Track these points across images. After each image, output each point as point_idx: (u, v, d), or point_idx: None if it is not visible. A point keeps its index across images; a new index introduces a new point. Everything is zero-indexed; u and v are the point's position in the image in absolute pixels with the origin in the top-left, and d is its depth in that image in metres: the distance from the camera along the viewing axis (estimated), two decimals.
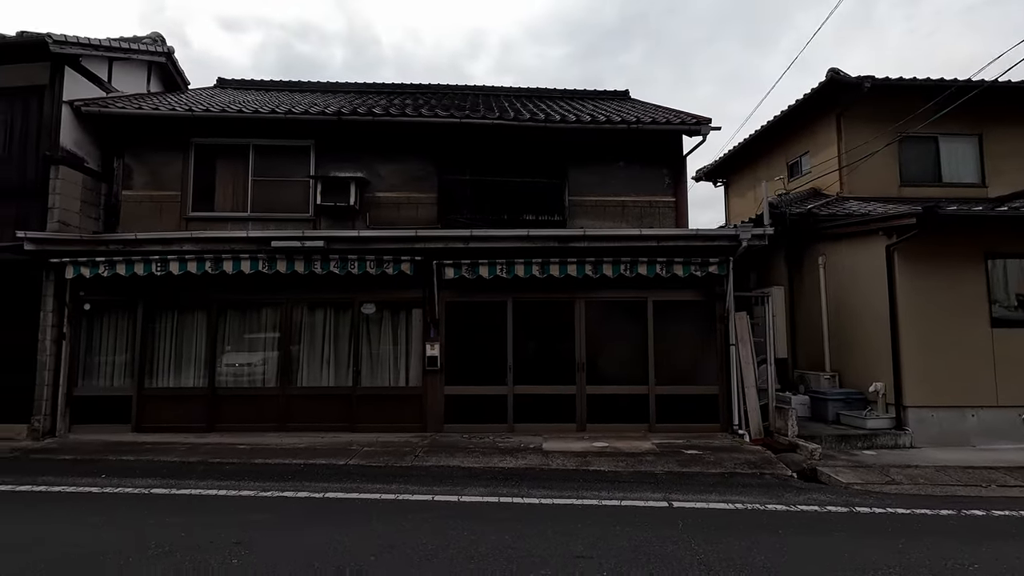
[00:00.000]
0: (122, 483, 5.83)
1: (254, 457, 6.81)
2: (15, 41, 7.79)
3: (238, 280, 7.85)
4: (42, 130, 8.09)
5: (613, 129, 9.01)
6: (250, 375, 8.13)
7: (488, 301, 8.07)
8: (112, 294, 8.10)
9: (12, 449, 7.28)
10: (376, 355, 8.15)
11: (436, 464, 6.50)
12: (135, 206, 8.92)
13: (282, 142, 9.17)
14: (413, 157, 9.24)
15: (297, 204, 9.13)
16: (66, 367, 7.92)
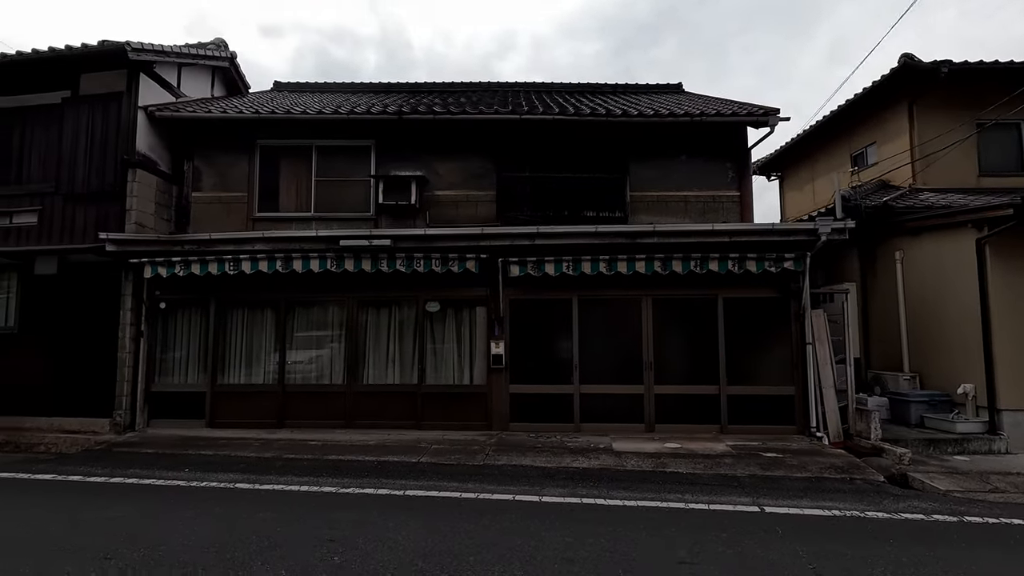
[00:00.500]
0: (206, 477, 5.97)
1: (327, 453, 6.89)
2: (97, 50, 8.08)
3: (305, 279, 7.97)
4: (120, 135, 8.38)
5: (676, 122, 8.77)
6: (317, 372, 8.25)
7: (553, 299, 7.97)
8: (185, 293, 8.34)
9: (98, 442, 7.58)
10: (440, 353, 8.16)
11: (508, 463, 6.44)
12: (204, 207, 9.16)
13: (343, 142, 9.28)
14: (472, 155, 9.21)
15: (358, 203, 9.22)
16: (144, 364, 8.19)
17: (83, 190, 8.38)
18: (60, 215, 8.49)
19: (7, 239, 8.59)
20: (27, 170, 8.76)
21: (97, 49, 8.09)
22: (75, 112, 8.54)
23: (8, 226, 8.66)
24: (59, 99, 8.66)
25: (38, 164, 8.72)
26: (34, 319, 8.53)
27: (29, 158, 8.76)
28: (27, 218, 8.60)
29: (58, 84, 8.71)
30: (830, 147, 13.34)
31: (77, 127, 8.50)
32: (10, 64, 8.46)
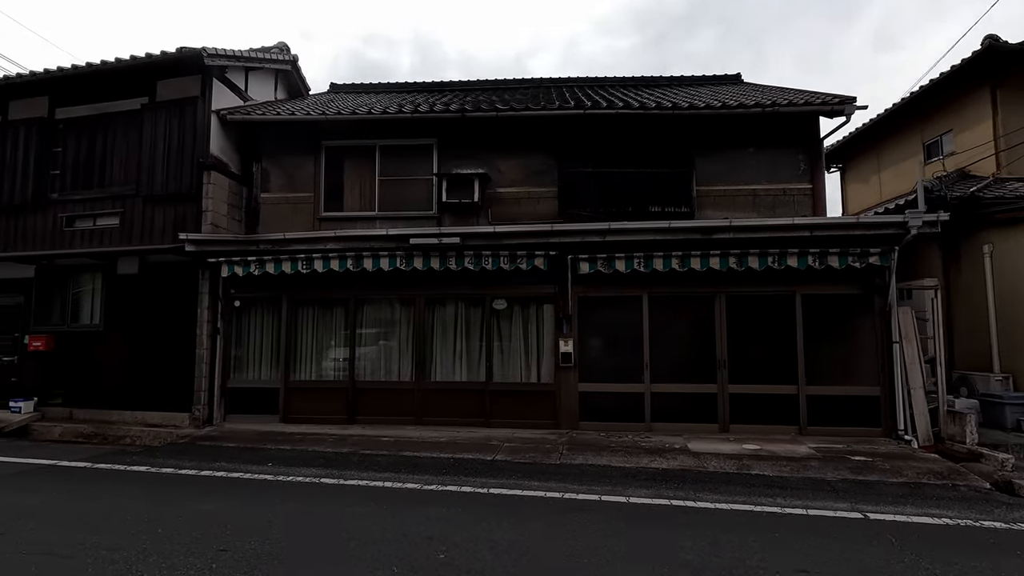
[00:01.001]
0: (290, 472, 6.10)
1: (402, 450, 6.96)
2: (174, 56, 8.35)
3: (374, 277, 8.07)
4: (196, 138, 8.65)
5: (746, 113, 8.50)
6: (386, 369, 8.35)
7: (622, 296, 7.85)
8: (259, 291, 8.57)
9: (180, 436, 7.85)
10: (507, 351, 8.14)
11: (586, 463, 6.37)
12: (272, 208, 9.38)
13: (406, 141, 9.34)
14: (533, 151, 9.15)
15: (420, 201, 9.27)
16: (220, 360, 8.45)
17: (161, 192, 8.68)
18: (140, 217, 8.82)
19: (91, 240, 8.99)
20: (109, 174, 9.14)
21: (175, 56, 8.36)
22: (153, 117, 8.86)
23: (92, 228, 9.06)
24: (138, 105, 8.99)
25: (119, 168, 9.09)
26: (117, 317, 8.91)
27: (111, 162, 9.14)
28: (109, 220, 8.98)
29: (136, 91, 9.05)
30: (899, 136, 12.74)
31: (155, 132, 8.81)
32: (93, 74, 8.83)
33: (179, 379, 8.47)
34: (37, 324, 9.24)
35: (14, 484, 5.66)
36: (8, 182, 9.38)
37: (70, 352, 9.02)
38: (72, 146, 9.36)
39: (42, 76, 8.92)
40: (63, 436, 8.38)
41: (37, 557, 3.72)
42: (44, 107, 9.50)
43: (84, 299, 9.26)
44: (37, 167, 9.29)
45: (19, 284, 9.41)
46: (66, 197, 9.23)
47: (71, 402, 8.95)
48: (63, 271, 9.30)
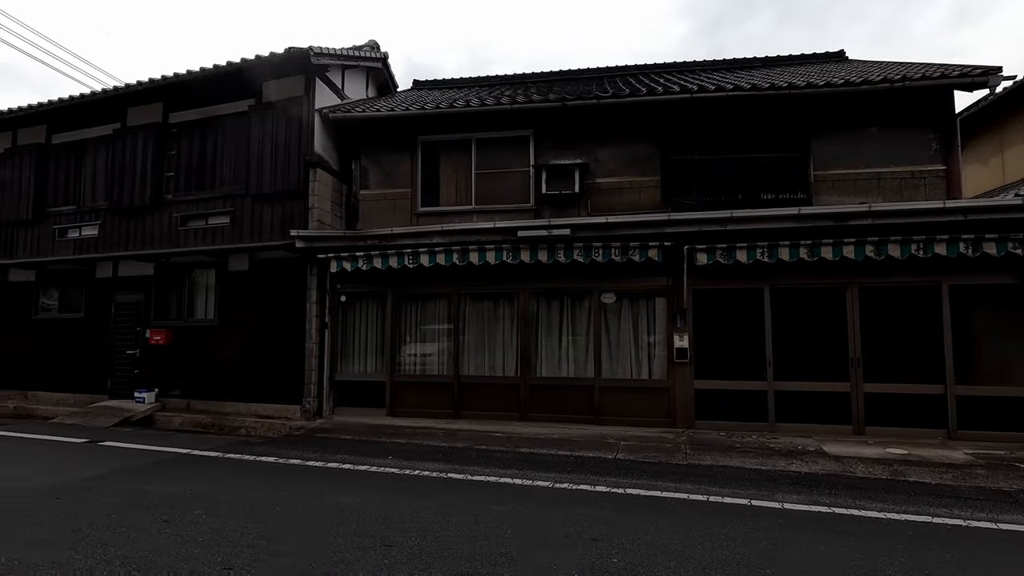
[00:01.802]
0: (411, 465, 6.08)
1: (517, 446, 6.84)
2: (282, 57, 8.56)
3: (478, 271, 8.01)
4: (302, 137, 8.84)
5: (872, 90, 7.84)
6: (490, 364, 8.27)
7: (741, 288, 7.43)
8: (364, 286, 8.68)
9: (293, 427, 8.06)
10: (616, 346, 7.89)
11: (716, 463, 6.03)
12: (371, 204, 9.49)
13: (502, 133, 9.22)
14: (634, 139, 8.82)
15: (517, 194, 9.13)
16: (328, 354, 8.62)
17: (269, 191, 8.93)
18: (249, 215, 9.12)
19: (204, 239, 9.38)
20: (219, 175, 9.51)
21: (282, 56, 8.56)
22: (260, 118, 9.12)
23: (205, 227, 9.45)
24: (246, 107, 9.29)
25: (228, 169, 9.43)
26: (230, 312, 9.25)
27: (221, 164, 9.51)
28: (220, 219, 9.34)
29: (244, 93, 9.35)
30: None
31: (262, 132, 9.07)
32: (204, 78, 9.18)
33: (289, 372, 8.70)
34: (157, 319, 9.74)
35: (162, 472, 5.89)
36: (128, 185, 9.93)
37: (187, 345, 9.46)
38: (184, 149, 9.80)
39: (158, 83, 9.35)
40: (183, 426, 8.80)
41: (222, 547, 3.78)
42: (159, 113, 9.99)
43: (199, 295, 9.69)
44: (154, 170, 9.79)
45: (140, 281, 9.95)
46: (180, 198, 9.68)
47: (188, 393, 9.38)
48: (179, 268, 9.75)
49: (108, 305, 10.14)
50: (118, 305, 10.05)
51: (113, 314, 10.07)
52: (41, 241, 10.74)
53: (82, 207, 10.48)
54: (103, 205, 10.25)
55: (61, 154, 10.81)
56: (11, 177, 11.04)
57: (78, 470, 5.86)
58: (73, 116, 10.46)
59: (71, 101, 10.13)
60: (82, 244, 10.34)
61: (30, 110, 10.48)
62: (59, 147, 10.85)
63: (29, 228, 10.84)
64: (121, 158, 10.07)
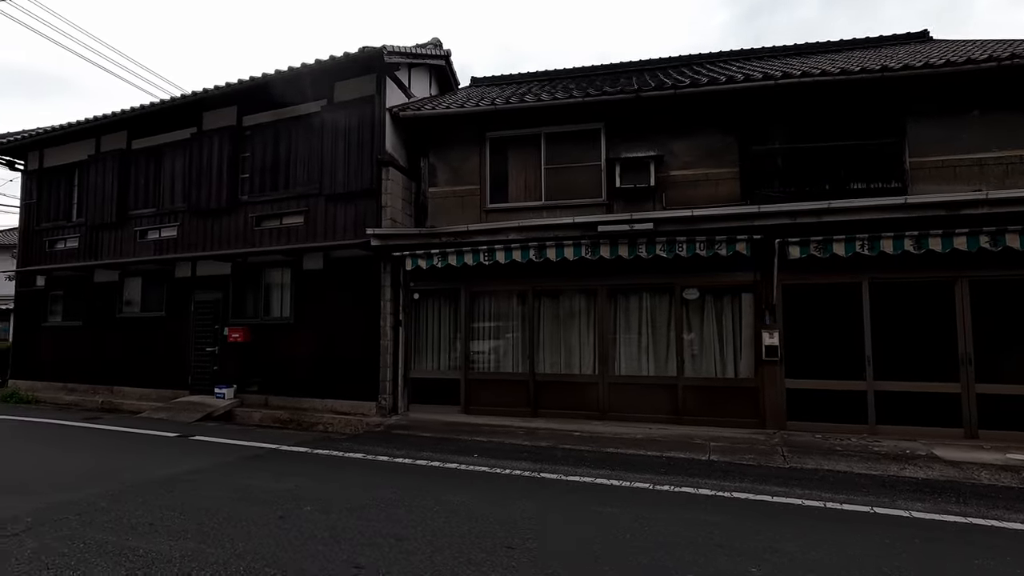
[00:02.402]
0: (501, 464, 6.01)
1: (602, 446, 6.69)
2: (355, 56, 8.62)
3: (554, 267, 7.89)
4: (374, 136, 8.90)
5: (976, 70, 7.31)
6: (566, 362, 8.14)
7: (836, 283, 7.07)
8: (437, 283, 8.69)
9: (369, 423, 8.12)
10: (699, 343, 7.63)
11: (820, 467, 5.74)
12: (440, 201, 9.48)
13: (572, 127, 9.06)
14: (710, 130, 8.51)
15: (588, 189, 8.94)
16: (402, 351, 8.67)
17: (343, 190, 9.04)
18: (323, 215, 9.26)
19: (279, 239, 9.58)
20: (292, 175, 9.69)
21: (355, 56, 8.62)
22: (332, 118, 9.23)
23: (279, 227, 9.65)
24: (317, 108, 9.43)
25: (302, 169, 9.59)
26: (305, 310, 9.42)
27: (294, 165, 9.68)
28: (294, 219, 9.52)
29: (316, 94, 9.48)
30: None
31: (335, 132, 9.18)
32: (277, 81, 9.34)
33: (363, 370, 8.79)
34: (234, 317, 10.01)
35: (259, 467, 6.00)
36: (205, 188, 10.24)
37: (263, 343, 9.68)
38: (258, 151, 10.03)
39: (233, 87, 9.57)
40: (262, 421, 9.01)
41: (343, 545, 3.78)
42: (233, 116, 10.25)
43: (274, 293, 9.90)
44: (229, 172, 10.06)
45: (218, 281, 10.25)
46: (255, 199, 9.91)
47: (266, 389, 9.61)
48: (255, 268, 9.99)
49: (188, 304, 10.49)
50: (197, 304, 10.38)
51: (192, 312, 10.41)
52: (124, 243, 11.21)
53: (161, 209, 10.87)
54: (181, 207, 10.60)
55: (141, 158, 11.25)
56: (96, 182, 11.56)
57: (180, 463, 6.03)
58: (152, 122, 10.85)
59: (151, 108, 10.50)
60: (162, 245, 10.74)
61: (112, 117, 10.92)
62: (139, 152, 11.29)
63: (113, 230, 11.33)
64: (198, 161, 10.39)
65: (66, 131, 11.67)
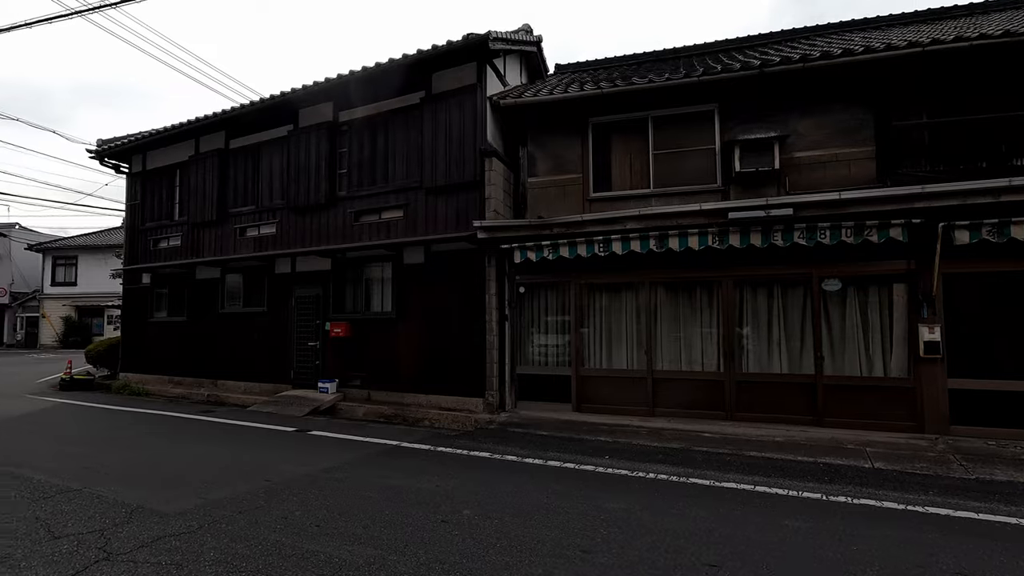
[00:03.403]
0: (639, 467, 5.66)
1: (739, 448, 6.23)
2: (459, 44, 8.41)
3: (673, 257, 7.46)
4: (476, 126, 8.68)
5: None
6: (687, 358, 7.69)
7: (1009, 271, 6.28)
8: (544, 276, 8.40)
9: (482, 421, 7.93)
10: (841, 339, 7.01)
11: (1015, 480, 5.07)
12: (540, 191, 9.17)
13: (682, 110, 8.53)
14: (841, 106, 7.79)
15: (701, 174, 8.40)
16: (509, 347, 8.43)
17: (444, 183, 8.87)
18: (423, 208, 9.13)
19: (378, 233, 9.53)
20: (390, 169, 9.61)
21: (459, 44, 8.40)
22: (432, 110, 9.07)
23: (378, 222, 9.60)
24: (416, 100, 9.29)
25: (400, 163, 9.50)
26: (406, 304, 9.34)
27: (392, 159, 9.60)
28: (394, 213, 9.43)
29: (412, 87, 9.35)
30: None
31: (435, 124, 9.01)
32: (374, 75, 9.26)
33: (468, 365, 8.62)
34: (335, 312, 10.07)
35: (390, 465, 5.89)
36: (304, 184, 10.33)
37: (364, 337, 9.69)
38: (355, 146, 10.02)
39: (331, 82, 9.56)
40: (366, 416, 9.00)
41: (524, 554, 3.53)
42: (330, 112, 10.28)
43: (374, 288, 9.89)
44: (327, 168, 10.09)
45: (317, 276, 10.34)
46: (353, 194, 9.91)
47: (367, 384, 9.62)
48: (354, 263, 10.01)
49: (288, 299, 10.65)
50: (298, 299, 10.52)
51: (293, 307, 10.55)
52: (224, 240, 11.51)
53: (260, 207, 11.07)
54: (280, 204, 10.76)
55: (239, 157, 11.50)
56: (197, 182, 11.92)
57: (314, 460, 5.99)
58: (249, 122, 11.04)
59: (248, 107, 10.67)
60: (261, 241, 10.94)
61: (212, 118, 11.19)
62: (237, 151, 11.54)
63: (213, 228, 11.66)
64: (295, 158, 10.49)
65: (167, 134, 12.09)
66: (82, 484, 5.06)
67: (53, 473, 5.43)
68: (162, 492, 4.84)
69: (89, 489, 4.92)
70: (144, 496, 4.70)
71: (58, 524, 4.05)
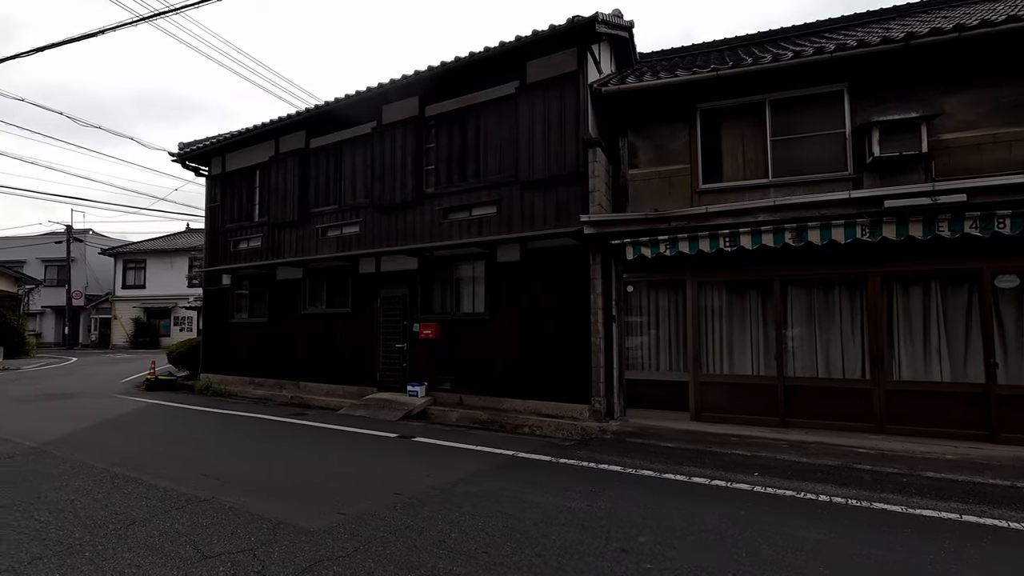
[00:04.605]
0: (801, 486, 5.01)
1: (913, 468, 5.48)
2: (563, 28, 7.92)
3: (806, 252, 6.75)
4: (579, 115, 8.18)
5: None
6: (825, 364, 6.95)
7: None
8: (655, 274, 7.82)
9: (594, 429, 7.38)
10: (1017, 343, 6.15)
11: None
12: (642, 184, 8.60)
13: (805, 91, 7.80)
14: (999, 81, 6.92)
15: (827, 162, 7.65)
16: (616, 350, 7.87)
17: (542, 176, 8.39)
18: (519, 203, 8.67)
19: (469, 231, 9.14)
20: (481, 164, 9.20)
21: (562, 28, 7.93)
22: (528, 100, 8.61)
23: (468, 219, 9.21)
24: (511, 90, 8.86)
25: (493, 157, 9.08)
26: (500, 304, 8.90)
27: (483, 153, 9.19)
28: (486, 210, 9.02)
29: (503, 77, 8.94)
30: None
31: (532, 114, 8.55)
32: (464, 66, 8.88)
33: (570, 369, 8.10)
34: (423, 313, 9.74)
35: (520, 479, 5.42)
36: (388, 182, 10.06)
37: (455, 339, 9.31)
38: (443, 141, 9.67)
39: (421, 74, 9.24)
40: (459, 421, 8.60)
41: None
42: (415, 107, 9.98)
43: (465, 288, 9.51)
44: (414, 165, 9.78)
45: (404, 276, 10.04)
46: (441, 191, 9.56)
47: (458, 388, 9.23)
48: (443, 262, 9.65)
49: (373, 300, 10.39)
50: (383, 300, 10.25)
51: (379, 308, 10.29)
52: (306, 240, 11.38)
53: (343, 206, 10.88)
54: (363, 203, 10.53)
55: (321, 157, 11.36)
56: (277, 182, 11.85)
57: (432, 472, 5.59)
58: (329, 120, 10.86)
59: (329, 106, 10.47)
60: (344, 241, 10.74)
61: (296, 117, 11.08)
62: (318, 150, 11.40)
63: (295, 229, 11.55)
64: (380, 156, 10.24)
65: (248, 135, 12.08)
66: (208, 493, 4.80)
67: (175, 480, 5.21)
68: (294, 504, 4.51)
69: (218, 499, 4.64)
70: (278, 509, 4.38)
71: (203, 541, 3.74)
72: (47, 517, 4.25)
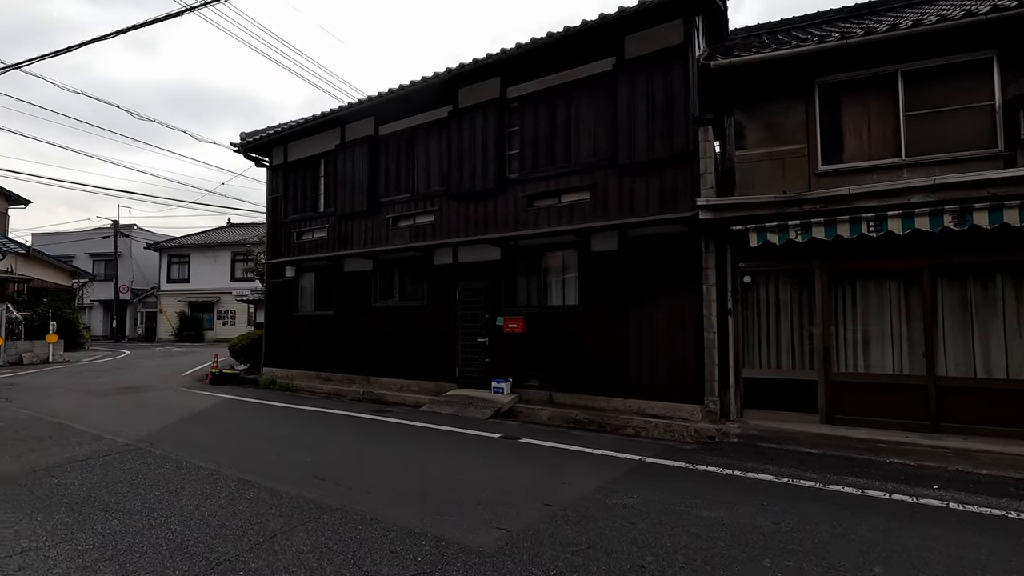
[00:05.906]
0: (1007, 505, 4.34)
1: None
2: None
3: (963, 238, 6.02)
4: (688, 91, 7.56)
5: None
6: (985, 362, 6.23)
7: None
8: (776, 263, 7.16)
9: (711, 431, 6.80)
10: None
11: None
12: (751, 166, 7.92)
13: (945, 60, 7.02)
14: None
15: (971, 138, 6.86)
16: (733, 346, 7.25)
17: (644, 158, 7.80)
18: (616, 188, 8.10)
19: (559, 218, 8.60)
20: (571, 147, 8.64)
21: None
22: (628, 76, 8.01)
23: (557, 205, 8.67)
24: (608, 67, 8.28)
25: (585, 139, 8.51)
26: (595, 296, 8.36)
27: (575, 135, 8.63)
28: (577, 195, 8.47)
29: (596, 54, 8.37)
30: None
31: (632, 92, 7.95)
32: (551, 44, 8.32)
33: (678, 366, 7.53)
34: (507, 306, 9.25)
35: (665, 488, 4.87)
36: (467, 169, 9.57)
37: (543, 333, 8.80)
38: (528, 124, 9.13)
39: (507, 53, 8.71)
40: (551, 420, 8.10)
41: None
42: (496, 89, 9.46)
43: (553, 279, 8.98)
44: (496, 150, 9.27)
45: (484, 267, 9.57)
46: (526, 177, 9.03)
47: (546, 385, 8.72)
48: (528, 252, 9.14)
49: (450, 292, 9.94)
50: (462, 292, 9.79)
51: (457, 301, 9.83)
52: (375, 231, 10.99)
53: (416, 195, 10.44)
54: (438, 191, 10.07)
55: (391, 144, 10.93)
56: (344, 171, 11.48)
57: (566, 478, 5.09)
58: (400, 106, 10.40)
59: (401, 90, 9.99)
60: (418, 231, 10.30)
61: (364, 103, 10.67)
62: (388, 137, 10.98)
63: (363, 219, 11.17)
64: (457, 141, 9.76)
65: (312, 123, 11.73)
66: (337, 500, 4.38)
67: (294, 484, 4.81)
68: (438, 515, 4.05)
69: (351, 508, 4.21)
70: (424, 521, 3.93)
71: (365, 561, 3.29)
72: (177, 526, 3.87)
